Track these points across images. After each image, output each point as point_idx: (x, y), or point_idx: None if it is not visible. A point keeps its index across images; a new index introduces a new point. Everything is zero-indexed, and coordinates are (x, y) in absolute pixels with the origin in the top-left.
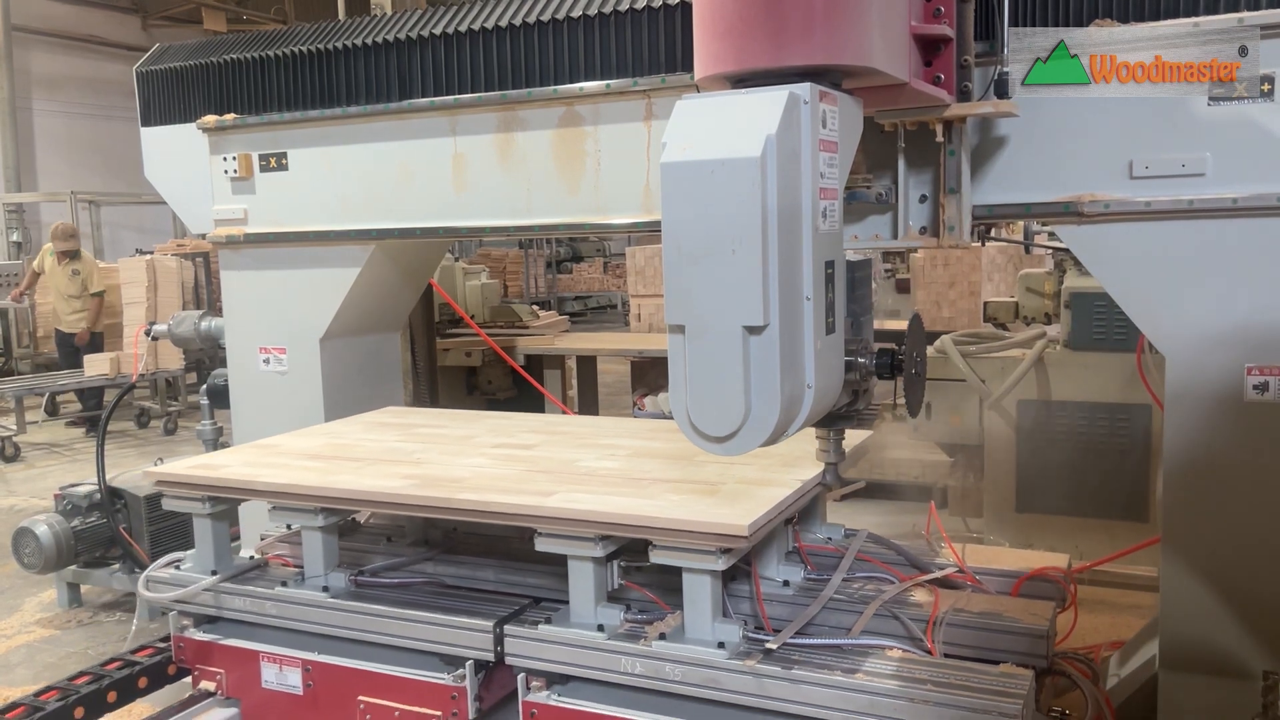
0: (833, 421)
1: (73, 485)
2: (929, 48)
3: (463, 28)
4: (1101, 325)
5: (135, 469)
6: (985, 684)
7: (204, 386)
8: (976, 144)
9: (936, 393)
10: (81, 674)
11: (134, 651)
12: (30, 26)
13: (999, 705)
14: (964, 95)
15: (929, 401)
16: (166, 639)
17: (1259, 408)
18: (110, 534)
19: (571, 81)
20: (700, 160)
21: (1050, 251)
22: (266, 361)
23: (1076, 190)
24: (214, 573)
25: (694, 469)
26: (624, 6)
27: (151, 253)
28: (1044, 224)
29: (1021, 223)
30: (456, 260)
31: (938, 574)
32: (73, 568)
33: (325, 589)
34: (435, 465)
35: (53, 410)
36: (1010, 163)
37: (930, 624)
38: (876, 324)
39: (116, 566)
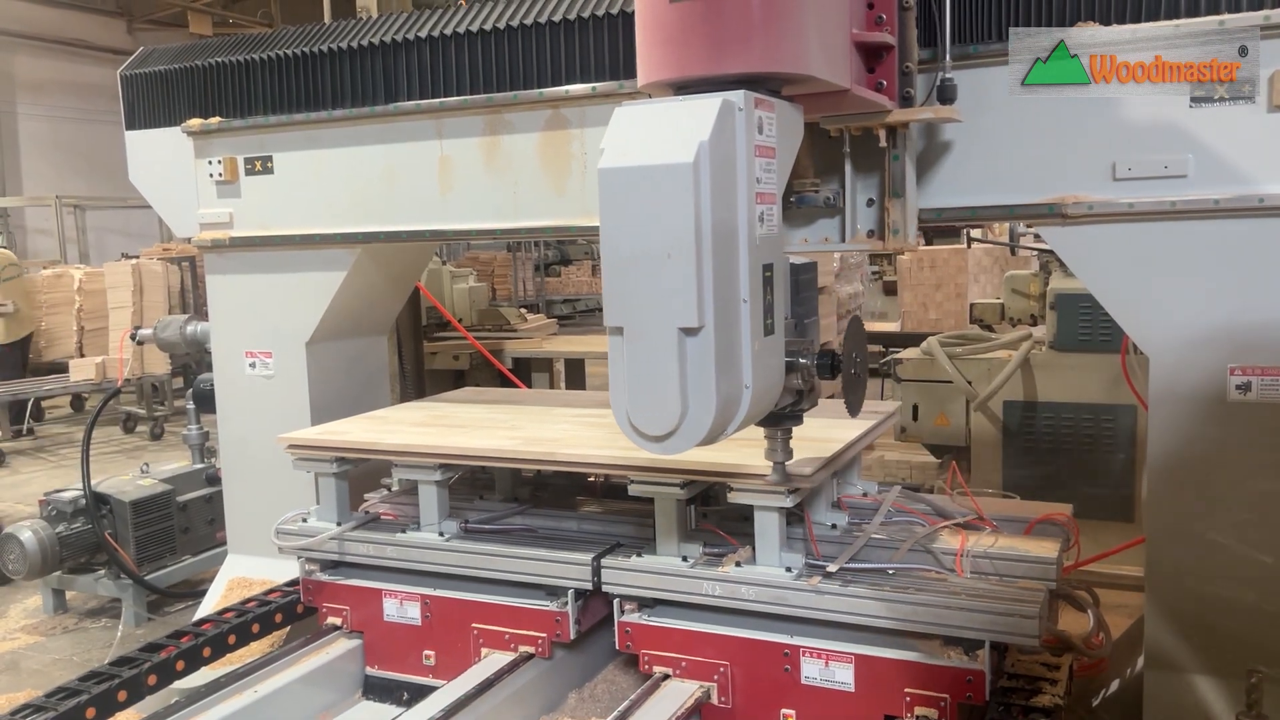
0: (777, 421)
1: (58, 491)
2: (871, 55)
3: (448, 31)
4: (1086, 326)
5: (121, 474)
6: (1008, 595)
7: (190, 391)
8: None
9: (923, 394)
10: (226, 610)
11: (267, 593)
12: (14, 30)
13: (1020, 609)
14: (906, 101)
15: (916, 403)
16: (294, 582)
17: (1242, 408)
18: (95, 540)
19: (557, 84)
20: (636, 166)
21: (1036, 253)
22: (253, 365)
23: (1060, 192)
24: (338, 524)
25: (757, 430)
26: (608, 10)
27: (137, 257)
28: (1029, 225)
29: (1007, 225)
30: (444, 263)
31: (961, 520)
32: (58, 574)
33: (441, 534)
34: (531, 429)
35: (38, 415)
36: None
37: (959, 555)
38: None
39: (102, 572)
